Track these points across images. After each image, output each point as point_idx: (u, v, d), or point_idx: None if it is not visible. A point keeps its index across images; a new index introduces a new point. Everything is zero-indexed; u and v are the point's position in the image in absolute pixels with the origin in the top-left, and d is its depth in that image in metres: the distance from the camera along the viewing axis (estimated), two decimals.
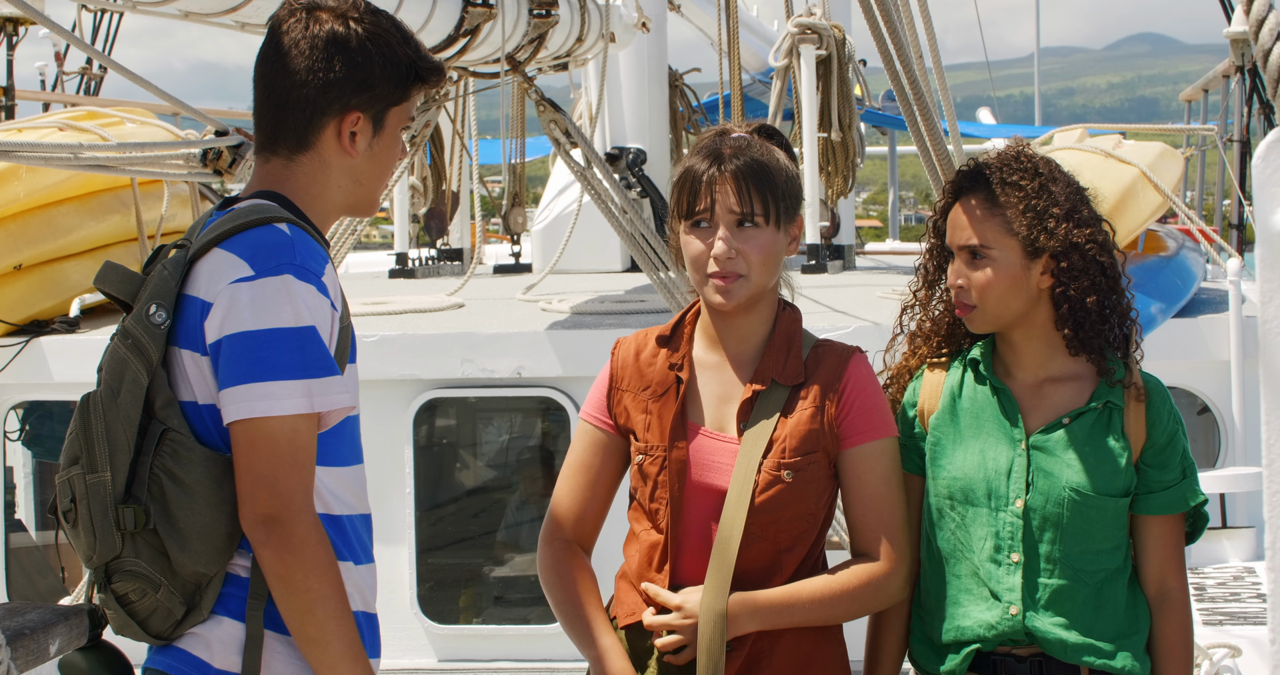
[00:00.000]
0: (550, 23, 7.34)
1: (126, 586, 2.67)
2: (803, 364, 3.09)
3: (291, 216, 2.74)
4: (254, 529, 2.60)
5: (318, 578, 2.59)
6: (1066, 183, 3.11)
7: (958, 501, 3.11)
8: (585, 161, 7.00)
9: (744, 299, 3.04)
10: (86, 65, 13.73)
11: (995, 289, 3.07)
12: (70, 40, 6.64)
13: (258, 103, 2.82)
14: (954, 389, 3.19)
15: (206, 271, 2.67)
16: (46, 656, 3.40)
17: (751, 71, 13.96)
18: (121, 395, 2.63)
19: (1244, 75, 13.29)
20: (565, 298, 7.56)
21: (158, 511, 2.61)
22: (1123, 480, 3.04)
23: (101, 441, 2.64)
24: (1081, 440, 3.06)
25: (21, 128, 7.61)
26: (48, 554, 7.81)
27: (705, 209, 3.01)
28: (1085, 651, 3.03)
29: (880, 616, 3.23)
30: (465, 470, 7.39)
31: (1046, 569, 3.04)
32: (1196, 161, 15.79)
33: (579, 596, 3.12)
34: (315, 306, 2.65)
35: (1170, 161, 8.62)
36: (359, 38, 2.76)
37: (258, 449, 2.59)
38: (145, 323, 2.65)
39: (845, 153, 9.52)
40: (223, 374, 2.61)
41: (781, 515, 3.03)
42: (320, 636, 2.61)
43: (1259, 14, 2.37)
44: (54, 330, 6.92)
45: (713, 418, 3.10)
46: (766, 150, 3.06)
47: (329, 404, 2.63)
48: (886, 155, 21.33)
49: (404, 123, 2.87)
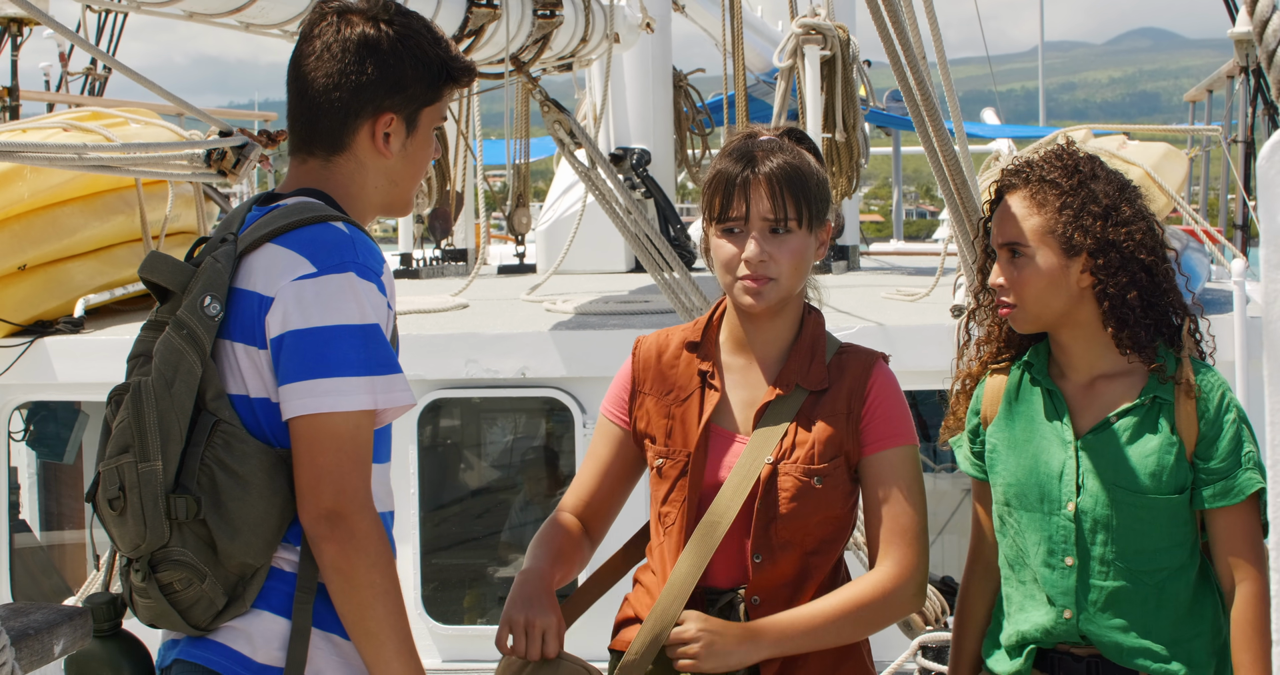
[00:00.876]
0: (554, 23, 7.34)
1: (172, 576, 2.68)
2: (826, 369, 3.10)
3: (346, 215, 2.77)
4: (316, 524, 2.63)
5: (380, 573, 2.63)
6: (1108, 180, 3.10)
7: (1014, 507, 3.12)
8: (589, 162, 7.00)
9: (774, 302, 3.05)
10: (91, 65, 13.74)
11: (1033, 287, 3.06)
12: (74, 40, 6.65)
13: (291, 105, 2.85)
14: (1011, 393, 3.19)
15: (262, 266, 2.69)
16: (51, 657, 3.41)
17: (756, 72, 13.96)
18: (176, 385, 2.65)
19: (1248, 76, 13.26)
20: (569, 298, 7.56)
21: (208, 502, 2.63)
22: (1173, 476, 3.00)
23: (154, 431, 2.65)
24: (1129, 438, 3.04)
25: (26, 128, 7.61)
26: (52, 554, 7.82)
27: (739, 215, 3.02)
28: (1140, 655, 3.01)
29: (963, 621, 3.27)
30: (470, 471, 7.39)
31: (1101, 571, 3.02)
32: (1201, 162, 15.78)
33: (539, 542, 3.16)
34: (376, 305, 2.68)
35: (1174, 162, 8.61)
36: (390, 40, 2.79)
37: (322, 444, 2.62)
38: (199, 314, 2.67)
39: (849, 153, 9.51)
40: (285, 369, 2.64)
41: (810, 521, 3.04)
42: (378, 631, 2.64)
43: (1263, 15, 2.36)
44: (58, 331, 6.92)
45: (740, 421, 3.11)
46: (798, 154, 3.08)
47: (392, 401, 2.67)
48: (890, 155, 21.31)
49: (437, 122, 2.89)
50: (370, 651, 2.65)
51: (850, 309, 6.81)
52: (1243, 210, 13.58)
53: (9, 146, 4.69)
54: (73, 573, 7.52)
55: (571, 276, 9.37)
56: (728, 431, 3.11)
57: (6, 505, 7.00)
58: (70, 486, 7.88)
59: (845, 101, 9.31)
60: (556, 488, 7.16)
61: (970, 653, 3.28)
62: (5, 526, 6.97)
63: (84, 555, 7.63)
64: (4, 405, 6.93)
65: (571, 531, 3.20)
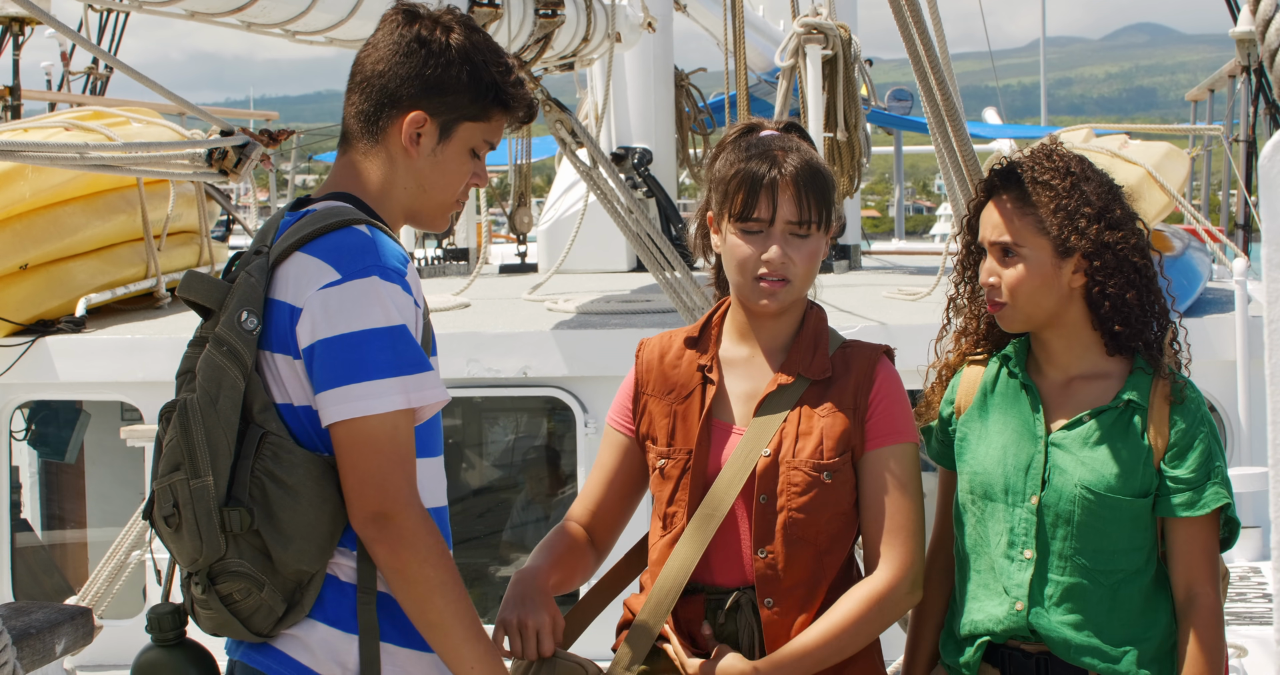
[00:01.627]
0: (556, 23, 7.34)
1: (231, 586, 2.72)
2: (829, 360, 3.10)
3: (368, 218, 2.80)
4: (365, 526, 2.68)
5: (432, 567, 2.67)
6: (1100, 182, 3.10)
7: (978, 496, 3.13)
8: (591, 161, 7.00)
9: (787, 303, 3.06)
10: (92, 65, 13.75)
11: (1026, 287, 3.06)
12: (76, 39, 6.65)
13: (347, 95, 2.90)
14: (987, 385, 3.21)
15: (293, 276, 2.73)
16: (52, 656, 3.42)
17: (757, 71, 13.96)
18: (220, 402, 2.70)
19: (1250, 75, 13.26)
20: (571, 297, 7.56)
21: (260, 513, 2.68)
22: (1139, 481, 3.02)
23: (203, 447, 2.69)
24: (1100, 438, 3.05)
25: (27, 127, 7.62)
26: (53, 554, 7.82)
27: (764, 216, 3.01)
28: (1089, 653, 3.02)
29: (920, 612, 3.26)
30: (471, 470, 7.40)
31: (1059, 566, 3.04)
32: (1203, 161, 15.78)
33: (541, 548, 3.16)
34: (402, 305, 2.71)
35: (1176, 162, 8.60)
36: (443, 44, 2.83)
37: (361, 448, 2.66)
38: (238, 329, 2.71)
39: (851, 153, 9.51)
40: (318, 378, 2.68)
41: (821, 517, 3.03)
42: (441, 621, 2.69)
43: (1265, 14, 2.36)
44: (59, 330, 6.93)
45: (741, 414, 3.11)
46: (810, 152, 3.09)
47: (425, 399, 2.71)
48: (892, 155, 21.30)
49: (479, 144, 2.90)
50: (438, 641, 2.71)
51: (852, 308, 6.81)
52: (1244, 209, 13.58)
53: (11, 146, 4.69)
54: (74, 572, 7.53)
55: (573, 276, 9.37)
56: (727, 424, 3.10)
57: (8, 504, 7.01)
58: (71, 486, 7.89)
59: (847, 101, 9.31)
60: (558, 487, 7.17)
61: (928, 642, 3.28)
62: (6, 526, 6.98)
63: (85, 554, 7.64)
64: (5, 404, 6.94)
65: (575, 538, 3.20)
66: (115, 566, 5.91)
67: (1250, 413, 6.68)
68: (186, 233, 8.46)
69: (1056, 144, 3.18)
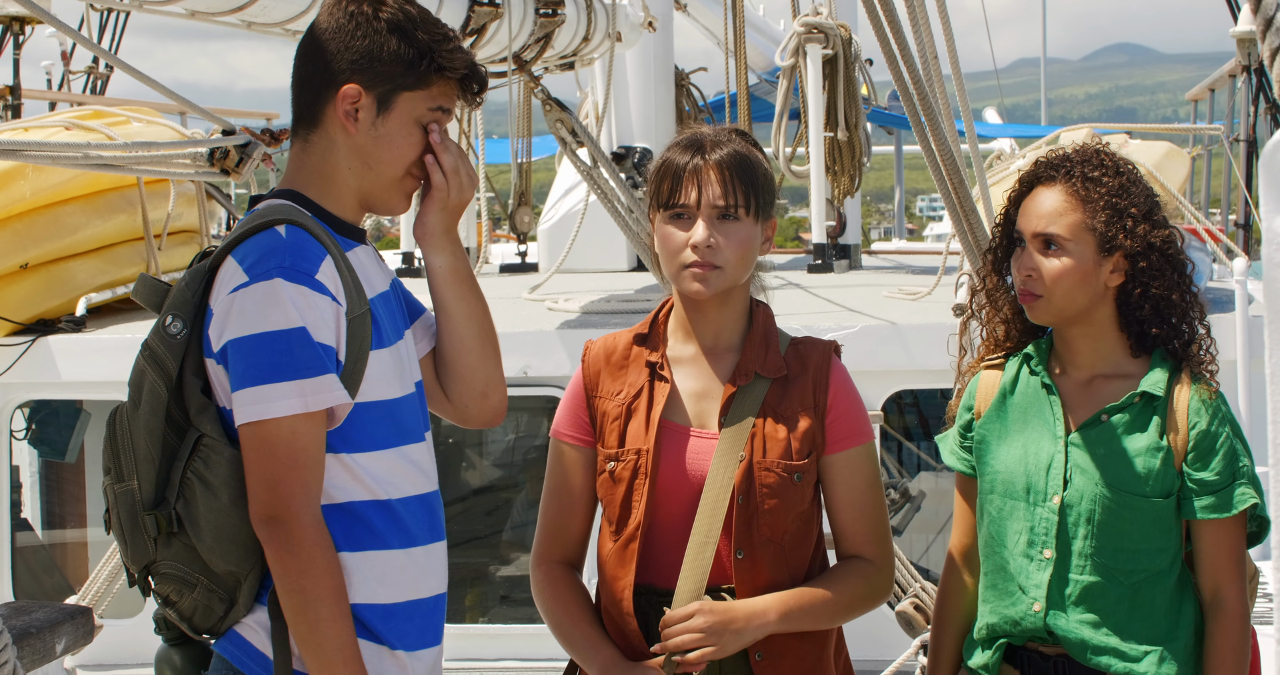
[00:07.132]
0: (557, 22, 7.34)
1: (165, 588, 2.74)
2: (782, 358, 3.08)
3: (297, 216, 2.76)
4: (259, 528, 2.66)
5: (311, 580, 2.62)
6: (1143, 186, 3.13)
7: (999, 496, 3.12)
8: (591, 161, 7.00)
9: (719, 290, 3.02)
10: (93, 64, 13.74)
11: (1066, 281, 3.05)
12: (77, 38, 6.66)
13: (290, 91, 2.87)
14: (1006, 386, 3.20)
15: (220, 280, 2.72)
16: (53, 655, 3.42)
17: (758, 71, 13.95)
18: (141, 406, 2.70)
19: (1250, 75, 13.26)
20: (572, 297, 7.56)
21: (186, 514, 2.67)
22: (1158, 481, 3.01)
23: (127, 451, 2.71)
24: (1118, 437, 3.04)
25: (28, 127, 7.61)
26: (53, 553, 7.82)
27: (688, 200, 3.00)
28: (1106, 653, 3.01)
29: (942, 616, 3.28)
30: (471, 469, 7.40)
31: (1079, 566, 3.03)
32: (1203, 161, 15.78)
33: (574, 615, 3.12)
34: (307, 306, 2.66)
35: (1176, 161, 8.62)
36: (369, 15, 2.78)
37: (258, 451, 2.64)
38: (163, 335, 2.71)
39: (851, 152, 9.52)
40: (231, 380, 2.67)
41: (786, 517, 3.03)
42: (311, 638, 2.64)
43: (1266, 13, 2.35)
44: (60, 329, 6.93)
45: (694, 414, 3.08)
46: (745, 144, 3.07)
47: (323, 402, 2.66)
48: (893, 155, 21.30)
49: (421, 112, 2.83)
50: (307, 656, 2.66)
51: (854, 307, 6.81)
52: (1244, 209, 13.58)
53: (11, 145, 4.69)
54: (74, 571, 7.52)
55: (573, 275, 9.36)
56: (680, 426, 3.07)
57: (8, 504, 7.01)
58: (72, 485, 7.88)
59: (847, 100, 9.32)
60: None
61: (950, 649, 3.29)
62: (7, 525, 6.97)
63: (85, 554, 7.64)
64: (6, 404, 6.94)
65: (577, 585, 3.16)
66: (115, 566, 5.91)
67: (1251, 412, 6.68)
68: (187, 232, 8.46)
69: (1103, 143, 3.20)
